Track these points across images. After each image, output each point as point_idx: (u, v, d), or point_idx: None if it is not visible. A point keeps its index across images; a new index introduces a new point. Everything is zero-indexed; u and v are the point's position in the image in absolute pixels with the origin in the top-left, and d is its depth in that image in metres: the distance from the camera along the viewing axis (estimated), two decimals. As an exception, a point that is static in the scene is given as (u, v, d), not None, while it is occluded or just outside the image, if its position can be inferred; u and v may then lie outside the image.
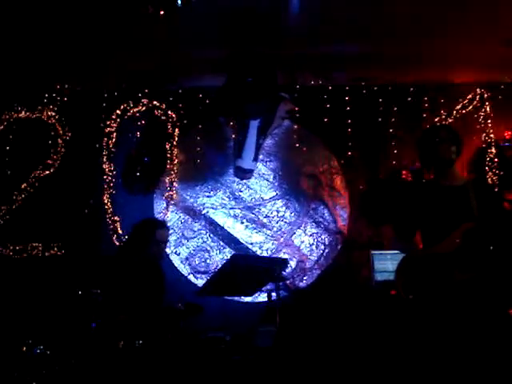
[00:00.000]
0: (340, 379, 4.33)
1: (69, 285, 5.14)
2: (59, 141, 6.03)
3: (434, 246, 3.41)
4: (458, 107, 5.96)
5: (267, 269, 4.05)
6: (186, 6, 3.38)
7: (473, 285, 3.28)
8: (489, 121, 5.88)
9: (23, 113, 6.07)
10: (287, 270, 5.75)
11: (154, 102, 6.08)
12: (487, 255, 3.39)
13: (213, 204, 5.97)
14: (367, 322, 4.76)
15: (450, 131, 3.65)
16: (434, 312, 3.28)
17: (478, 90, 5.95)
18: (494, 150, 5.82)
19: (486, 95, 5.93)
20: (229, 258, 4.07)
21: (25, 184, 5.92)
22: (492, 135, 5.86)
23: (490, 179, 5.76)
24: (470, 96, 5.95)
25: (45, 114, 6.07)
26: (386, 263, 5.22)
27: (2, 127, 6.04)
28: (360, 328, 4.75)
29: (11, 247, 5.83)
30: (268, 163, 6.05)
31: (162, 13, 3.27)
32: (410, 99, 5.99)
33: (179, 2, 3.11)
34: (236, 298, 5.46)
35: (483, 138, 5.86)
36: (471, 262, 3.32)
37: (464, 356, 3.15)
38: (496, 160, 5.81)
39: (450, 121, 5.90)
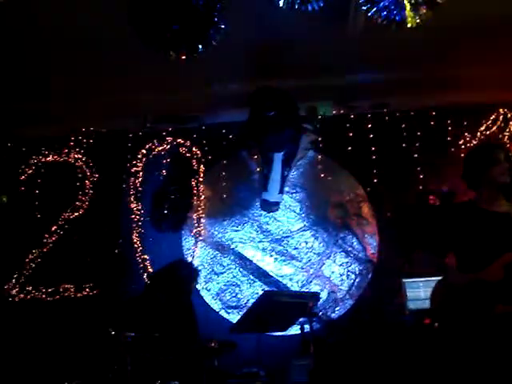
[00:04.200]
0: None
1: (102, 325, 5.16)
2: (87, 182, 6.12)
3: (475, 272, 3.17)
4: (482, 129, 5.92)
5: (299, 304, 4.04)
6: (207, 49, 3.42)
7: None
8: (514, 141, 5.83)
9: (51, 156, 6.19)
10: (319, 302, 5.73)
11: (179, 140, 6.16)
12: None
13: (241, 238, 5.97)
14: (402, 352, 4.68)
15: (506, 151, 3.36)
16: (470, 344, 3.11)
17: (500, 110, 5.92)
18: (521, 171, 5.74)
19: (509, 115, 5.90)
20: (260, 294, 4.06)
21: (55, 226, 5.99)
22: (518, 155, 5.80)
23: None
24: (493, 117, 5.92)
25: (72, 156, 6.17)
26: (419, 291, 5.16)
27: (31, 171, 6.15)
28: (395, 358, 4.68)
29: (44, 290, 5.88)
30: (294, 195, 6.04)
31: (183, 57, 3.32)
32: (433, 123, 5.94)
33: (200, 46, 3.16)
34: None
35: (510, 159, 5.79)
36: None
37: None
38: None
39: (475, 142, 5.85)
